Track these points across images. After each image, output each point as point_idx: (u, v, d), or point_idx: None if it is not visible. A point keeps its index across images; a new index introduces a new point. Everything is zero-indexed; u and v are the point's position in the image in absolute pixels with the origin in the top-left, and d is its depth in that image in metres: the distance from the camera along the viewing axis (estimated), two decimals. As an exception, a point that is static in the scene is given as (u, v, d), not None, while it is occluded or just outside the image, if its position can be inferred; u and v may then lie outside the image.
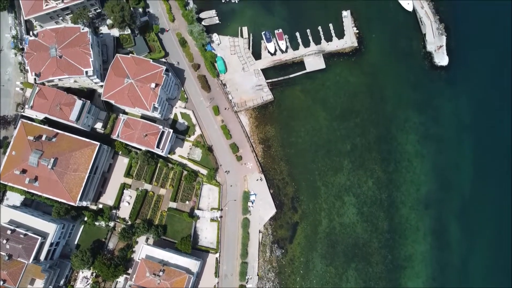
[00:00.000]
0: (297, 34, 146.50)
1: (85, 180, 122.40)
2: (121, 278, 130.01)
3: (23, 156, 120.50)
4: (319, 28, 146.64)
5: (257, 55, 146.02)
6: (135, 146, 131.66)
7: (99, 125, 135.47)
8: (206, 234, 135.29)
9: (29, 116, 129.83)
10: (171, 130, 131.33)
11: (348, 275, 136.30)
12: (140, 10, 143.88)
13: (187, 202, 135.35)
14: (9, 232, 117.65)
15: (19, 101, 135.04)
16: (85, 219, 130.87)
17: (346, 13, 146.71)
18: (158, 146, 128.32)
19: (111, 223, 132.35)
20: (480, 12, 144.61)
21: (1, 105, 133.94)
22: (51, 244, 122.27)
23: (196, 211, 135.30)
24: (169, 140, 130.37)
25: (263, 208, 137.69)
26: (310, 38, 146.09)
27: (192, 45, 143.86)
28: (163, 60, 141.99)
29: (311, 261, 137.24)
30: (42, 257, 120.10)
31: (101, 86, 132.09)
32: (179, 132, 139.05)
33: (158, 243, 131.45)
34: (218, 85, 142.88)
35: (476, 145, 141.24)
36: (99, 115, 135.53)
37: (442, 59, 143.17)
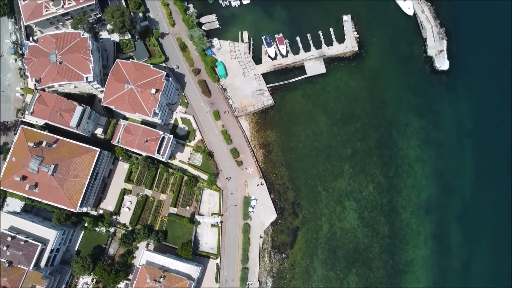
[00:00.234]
0: (298, 39, 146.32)
1: (86, 187, 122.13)
2: (122, 284, 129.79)
3: (23, 163, 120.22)
4: (320, 33, 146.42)
5: (258, 60, 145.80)
6: (136, 152, 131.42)
7: (100, 131, 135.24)
8: (207, 240, 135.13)
9: (29, 122, 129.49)
10: (172, 136, 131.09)
11: (349, 280, 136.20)
12: (140, 15, 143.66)
13: (188, 208, 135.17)
14: (10, 239, 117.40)
15: (19, 107, 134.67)
16: (86, 225, 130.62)
17: (347, 18, 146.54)
18: (159, 152, 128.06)
19: (112, 229, 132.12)
20: (481, 17, 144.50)
21: (1, 111, 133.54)
22: (52, 251, 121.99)
23: (197, 217, 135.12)
24: (170, 146, 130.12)
25: (264, 213, 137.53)
26: (311, 43, 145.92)
27: (193, 50, 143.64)
28: (164, 65, 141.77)
29: (312, 266, 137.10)
30: (43, 264, 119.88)
31: (102, 92, 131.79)
32: (180, 137, 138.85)
33: (159, 249, 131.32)
34: (219, 90, 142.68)
35: (477, 150, 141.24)
36: (100, 121, 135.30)
37: (443, 64, 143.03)
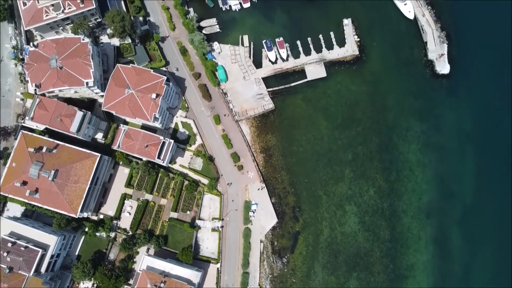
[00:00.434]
0: (298, 43, 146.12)
1: (86, 192, 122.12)
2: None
3: (24, 168, 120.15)
4: (320, 37, 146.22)
5: (258, 64, 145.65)
6: (136, 156, 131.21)
7: (100, 135, 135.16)
8: (207, 244, 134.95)
9: (30, 127, 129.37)
10: (172, 141, 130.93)
11: (350, 285, 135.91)
12: (141, 19, 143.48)
13: (188, 212, 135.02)
14: (10, 245, 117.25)
15: (20, 112, 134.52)
16: (86, 230, 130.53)
17: (347, 21, 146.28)
18: (159, 157, 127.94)
19: (112, 234, 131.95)
20: (482, 21, 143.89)
21: (1, 116, 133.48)
22: (52, 256, 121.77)
23: (197, 221, 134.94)
24: (170, 150, 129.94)
25: (264, 218, 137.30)
26: (311, 47, 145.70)
27: (193, 54, 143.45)
28: (164, 69, 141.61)
29: (313, 271, 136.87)
30: (43, 270, 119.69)
31: (102, 96, 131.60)
32: (180, 142, 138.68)
33: (159, 254, 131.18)
34: (219, 94, 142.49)
35: (478, 154, 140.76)
36: (100, 125, 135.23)
37: (444, 68, 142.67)
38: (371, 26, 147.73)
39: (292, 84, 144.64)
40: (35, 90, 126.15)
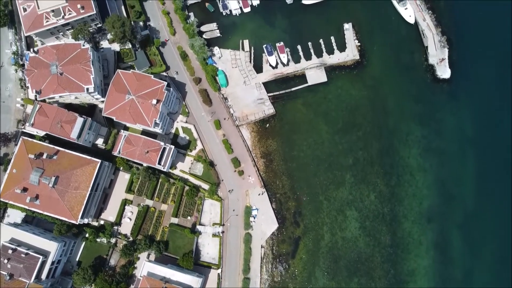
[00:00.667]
0: (299, 47, 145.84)
1: (87, 198, 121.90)
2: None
3: (24, 174, 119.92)
4: (321, 41, 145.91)
5: (259, 69, 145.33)
6: (137, 162, 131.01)
7: (100, 141, 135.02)
8: (208, 250, 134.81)
9: (30, 133, 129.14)
10: (173, 146, 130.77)
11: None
12: (141, 24, 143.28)
13: (189, 218, 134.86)
14: (11, 251, 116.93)
15: (20, 118, 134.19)
16: (87, 236, 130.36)
17: (348, 26, 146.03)
18: (160, 163, 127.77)
19: (113, 240, 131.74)
20: (483, 25, 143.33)
21: (2, 122, 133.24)
22: (53, 263, 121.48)
23: (198, 227, 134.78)
24: (171, 156, 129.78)
25: (265, 223, 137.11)
26: (312, 51, 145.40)
27: (193, 59, 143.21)
28: (164, 74, 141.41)
29: (314, 276, 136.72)
30: (44, 276, 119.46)
31: (102, 102, 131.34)
32: (181, 147, 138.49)
33: (160, 259, 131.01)
34: (220, 99, 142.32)
35: (479, 158, 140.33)
36: (100, 131, 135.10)
37: (444, 72, 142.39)
38: (372, 31, 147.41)
39: (293, 89, 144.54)
40: (36, 96, 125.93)
